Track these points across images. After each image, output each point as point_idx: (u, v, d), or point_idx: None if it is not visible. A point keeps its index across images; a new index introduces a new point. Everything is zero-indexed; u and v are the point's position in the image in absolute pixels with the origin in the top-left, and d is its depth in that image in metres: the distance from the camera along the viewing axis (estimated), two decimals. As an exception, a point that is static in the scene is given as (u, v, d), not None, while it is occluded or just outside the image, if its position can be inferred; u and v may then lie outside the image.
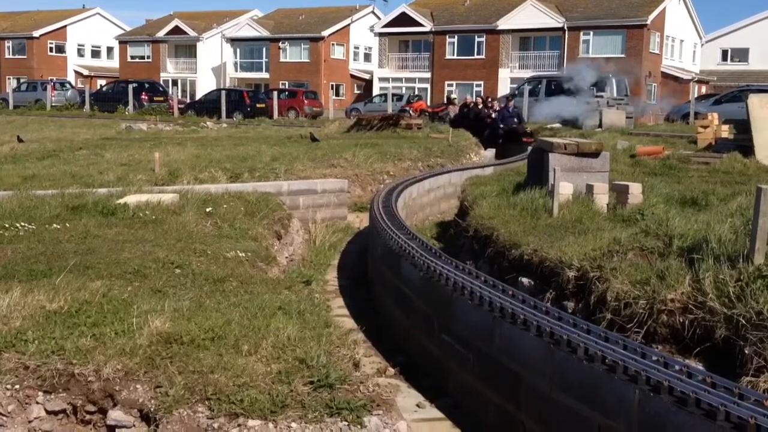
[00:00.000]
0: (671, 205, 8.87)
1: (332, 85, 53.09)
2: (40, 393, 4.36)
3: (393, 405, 4.07)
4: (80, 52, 64.74)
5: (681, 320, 5.28)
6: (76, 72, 62.82)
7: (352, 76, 55.51)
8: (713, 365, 4.81)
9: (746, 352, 4.65)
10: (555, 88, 31.76)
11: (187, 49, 60.02)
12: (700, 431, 3.40)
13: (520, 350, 4.81)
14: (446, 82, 48.22)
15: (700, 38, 50.87)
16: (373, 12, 57.68)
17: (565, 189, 9.15)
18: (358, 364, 4.58)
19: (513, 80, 41.34)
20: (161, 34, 59.51)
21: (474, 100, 28.64)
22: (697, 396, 3.53)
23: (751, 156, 14.20)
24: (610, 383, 3.96)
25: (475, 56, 48.44)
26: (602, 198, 9.17)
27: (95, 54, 65.91)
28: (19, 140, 20.43)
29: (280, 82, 52.33)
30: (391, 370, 6.13)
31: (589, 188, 9.29)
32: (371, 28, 53.32)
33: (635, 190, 9.04)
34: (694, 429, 3.43)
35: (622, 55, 43.33)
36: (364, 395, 4.04)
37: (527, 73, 41.59)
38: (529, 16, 47.01)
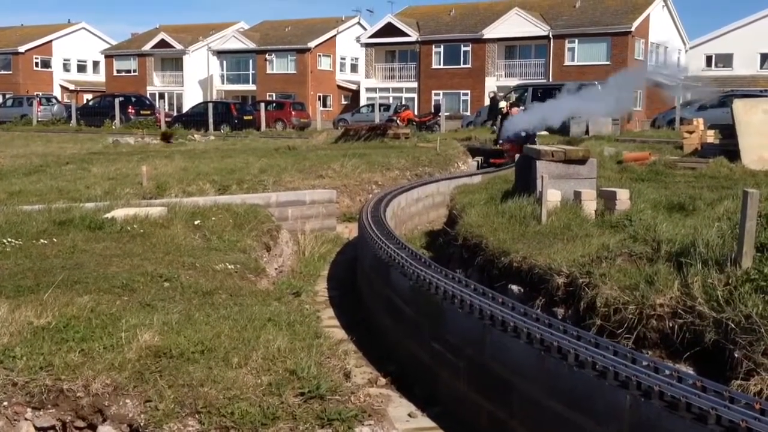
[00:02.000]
0: (659, 210, 8.89)
1: (319, 96, 53.16)
2: (29, 409, 4.32)
3: (384, 415, 4.06)
4: (66, 67, 64.57)
5: (670, 325, 5.30)
6: (62, 87, 62.65)
7: (339, 86, 55.60)
8: (703, 369, 4.83)
9: (736, 355, 4.67)
10: (541, 96, 31.91)
11: (173, 62, 59.97)
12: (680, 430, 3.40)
13: (511, 358, 4.81)
14: (433, 92, 48.36)
15: (685, 44, 51.29)
16: (359, 23, 57.83)
17: (553, 196, 9.18)
18: (349, 374, 4.57)
19: (499, 89, 41.44)
20: (147, 47, 59.44)
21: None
22: (687, 400, 3.54)
23: (737, 160, 14.29)
24: (601, 389, 3.96)
25: (462, 65, 48.65)
26: (590, 204, 9.20)
27: (81, 68, 65.74)
28: None
29: (267, 93, 52.34)
30: (382, 380, 6.12)
31: (577, 195, 9.32)
32: (357, 39, 53.45)
33: (623, 196, 9.08)
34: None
35: (608, 63, 43.61)
36: (355, 405, 4.02)
37: (513, 82, 41.78)
38: (515, 25, 47.26)
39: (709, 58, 51.65)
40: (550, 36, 46.23)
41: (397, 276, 7.01)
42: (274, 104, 42.66)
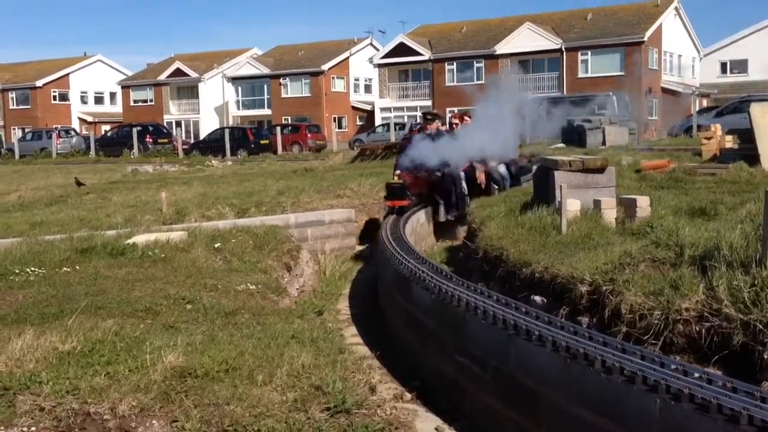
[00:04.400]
0: (680, 216, 8.81)
1: (334, 118, 53.48)
2: (56, 434, 4.33)
3: (411, 427, 4.04)
4: (83, 99, 65.49)
5: (697, 329, 5.23)
6: (80, 119, 63.52)
7: (354, 107, 55.92)
8: (732, 372, 4.75)
9: (765, 356, 4.60)
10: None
11: (189, 90, 60.65)
12: (722, 436, 3.35)
13: (537, 367, 4.77)
14: (447, 109, 48.46)
15: (698, 52, 51.15)
16: (371, 44, 58.23)
17: (572, 206, 9.13)
18: (375, 388, 4.55)
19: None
20: (163, 77, 60.18)
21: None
22: (718, 401, 3.48)
23: (756, 164, 14.17)
24: (629, 394, 3.91)
25: (475, 81, 48.78)
26: (610, 213, 9.14)
27: (98, 100, 66.65)
28: (78, 183, 20.29)
29: (283, 117, 52.74)
30: (408, 395, 6.07)
31: (597, 204, 9.26)
32: (370, 60, 53.80)
33: (643, 203, 9.01)
34: (717, 435, 3.38)
35: (621, 73, 43.54)
36: (381, 418, 4.01)
37: (528, 96, 41.85)
38: (527, 40, 47.41)
39: (724, 65, 51.46)
40: (563, 49, 46.32)
41: (418, 291, 6.98)
42: (289, 128, 43.01)
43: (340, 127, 52.48)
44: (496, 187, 14.12)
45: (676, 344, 5.31)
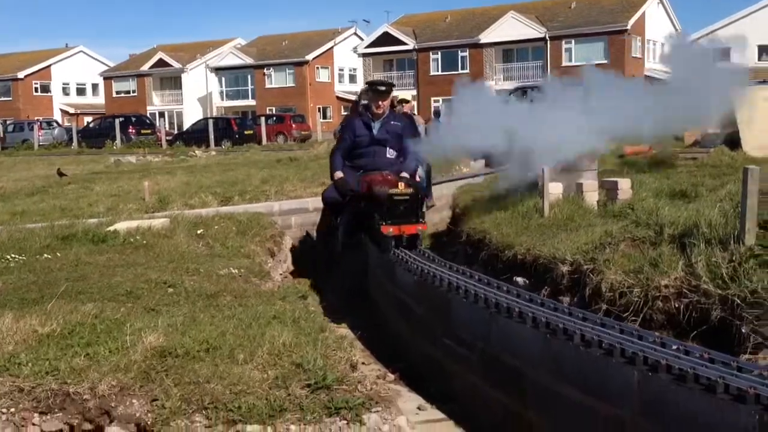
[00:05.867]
0: (661, 198, 8.87)
1: (319, 108, 53.35)
2: (36, 414, 4.30)
3: (392, 402, 4.04)
4: (65, 91, 64.96)
5: (676, 305, 5.27)
6: (62, 110, 63.00)
7: (339, 98, 55.80)
8: (711, 347, 4.78)
9: (743, 331, 4.65)
10: (540, 97, 31.92)
11: (172, 81, 60.29)
12: (700, 405, 3.38)
13: (518, 344, 4.79)
14: (432, 98, 48.46)
15: (681, 40, 51.22)
16: (355, 33, 58.07)
17: (554, 189, 9.16)
18: (356, 365, 4.56)
19: (498, 92, 41.54)
20: (145, 67, 59.78)
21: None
22: (695, 372, 3.51)
23: (738, 149, 14.27)
24: (608, 367, 3.94)
25: (460, 71, 48.79)
26: (592, 195, 9.19)
27: (80, 91, 66.13)
28: (60, 174, 20.07)
29: (267, 108, 52.54)
30: (391, 376, 6.10)
31: (579, 187, 9.31)
32: (355, 49, 53.69)
33: (624, 185, 9.06)
34: (694, 404, 3.41)
35: (605, 62, 43.64)
36: (362, 394, 4.01)
37: (512, 85, 41.93)
38: (511, 28, 47.42)
39: (706, 53, 51.54)
40: (547, 38, 46.39)
41: (402, 273, 7.00)
42: (274, 118, 42.84)
43: (324, 117, 52.34)
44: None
45: (655, 320, 5.36)
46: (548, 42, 46.13)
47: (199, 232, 9.03)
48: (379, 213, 7.48)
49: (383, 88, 9.14)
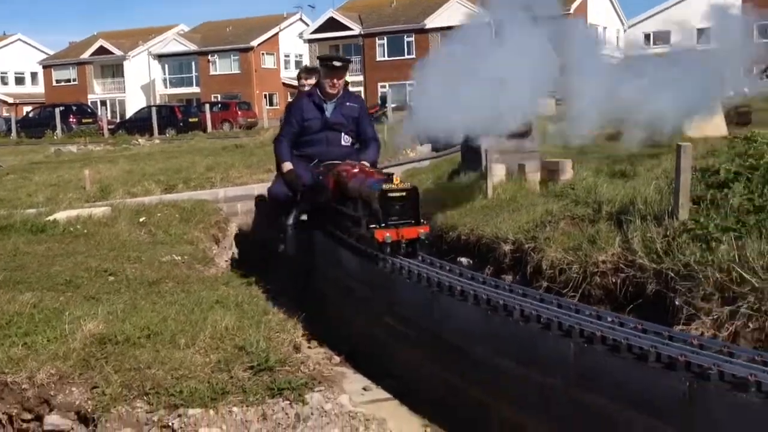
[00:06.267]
0: (601, 177, 9.05)
1: (265, 95, 52.79)
2: (-28, 406, 4.22)
3: (335, 381, 4.08)
4: (3, 80, 63.17)
5: (613, 280, 5.40)
6: (0, 100, 61.21)
7: (285, 84, 55.35)
8: (647, 319, 4.92)
9: (677, 303, 4.77)
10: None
11: (113, 69, 59.06)
12: (633, 374, 3.48)
13: (460, 321, 4.85)
14: (379, 84, 48.43)
15: (623, 24, 52.19)
16: (301, 19, 57.62)
17: (498, 170, 9.28)
18: (299, 346, 4.57)
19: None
20: (86, 55, 58.42)
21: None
22: (628, 342, 3.61)
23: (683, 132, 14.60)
24: (546, 340, 4.02)
25: (406, 56, 48.85)
26: (534, 176, 9.33)
27: (19, 81, 64.36)
28: None
29: (212, 95, 51.86)
30: (337, 359, 6.11)
31: (521, 168, 9.44)
32: (300, 35, 53.29)
33: (566, 166, 9.23)
34: (627, 373, 3.51)
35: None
36: (305, 374, 4.03)
37: (458, 69, 42.03)
38: (456, 13, 47.49)
39: (647, 37, 52.54)
40: (491, 22, 46.53)
41: (346, 256, 7.00)
42: (219, 105, 42.31)
43: (271, 104, 51.89)
44: None
45: (593, 295, 5.48)
46: (493, 27, 46.48)
47: (141, 220, 8.90)
48: (367, 214, 6.14)
49: (339, 63, 7.75)
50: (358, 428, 3.64)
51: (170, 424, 3.75)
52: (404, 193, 6.00)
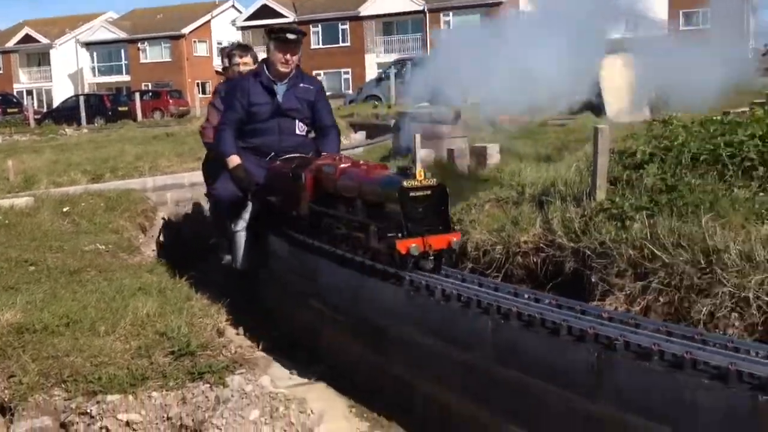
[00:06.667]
0: (527, 161, 9.23)
1: (198, 83, 51.99)
2: None
3: (257, 363, 4.09)
4: None
5: (534, 260, 5.54)
6: None
7: (218, 72, 54.45)
8: (566, 296, 5.06)
9: (593, 279, 4.92)
10: (420, 69, 32.35)
11: (40, 57, 57.32)
12: (546, 347, 3.58)
13: (385, 303, 4.91)
14: (314, 72, 48.14)
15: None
16: (233, 6, 56.85)
17: (426, 155, 9.39)
18: (223, 331, 4.56)
19: (380, 65, 41.75)
20: (11, 44, 56.53)
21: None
22: (542, 317, 3.71)
23: (602, 114, 14.96)
24: (466, 318, 4.10)
25: (341, 44, 48.72)
26: (462, 161, 9.47)
27: (-61, 70, 61.82)
28: None
29: (143, 83, 50.81)
30: (263, 344, 6.10)
31: (450, 152, 9.57)
32: (233, 23, 52.57)
33: (493, 150, 9.39)
34: (540, 346, 3.61)
35: (483, 33, 44.38)
36: (226, 358, 4.04)
37: (393, 57, 42.21)
38: (390, 1, 47.61)
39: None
40: (426, 10, 46.83)
41: (274, 241, 6.99)
42: (150, 94, 41.55)
43: (203, 92, 51.07)
44: None
45: (516, 275, 5.61)
46: (427, 14, 46.65)
47: (65, 209, 8.71)
48: (378, 221, 4.85)
49: (293, 36, 6.60)
50: (278, 408, 3.67)
51: (88, 410, 3.71)
52: (429, 192, 4.74)
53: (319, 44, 48.71)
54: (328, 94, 8.03)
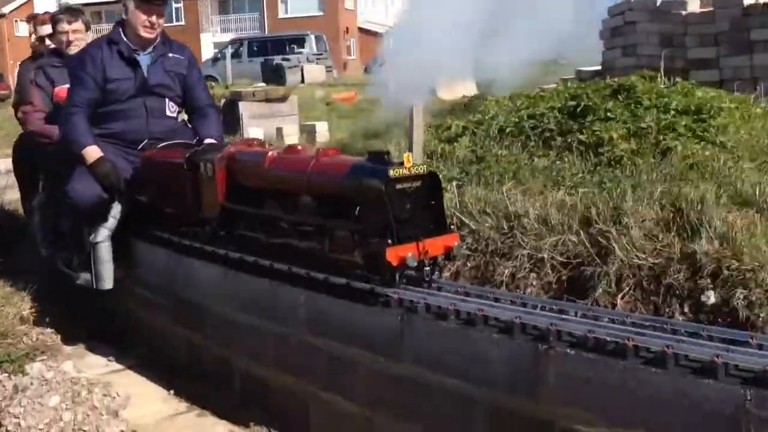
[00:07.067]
0: (357, 138, 9.39)
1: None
2: None
3: (59, 350, 3.95)
4: None
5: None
6: None
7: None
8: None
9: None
10: (257, 49, 32.06)
11: None
12: (355, 315, 3.67)
13: (202, 282, 4.85)
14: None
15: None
16: (57, -17, 53.53)
17: (255, 134, 9.35)
18: (27, 319, 4.35)
19: (216, 45, 40.85)
20: None
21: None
22: (351, 285, 3.79)
23: (435, 95, 15.45)
24: (279, 292, 4.13)
25: (175, 23, 47.16)
26: (293, 139, 9.50)
27: None
28: None
29: (-44, 66, 47.03)
30: (80, 333, 5.85)
31: (279, 131, 9.58)
32: (59, 2, 49.52)
33: (322, 128, 9.51)
34: (350, 315, 3.70)
35: (321, 14, 44.55)
36: (27, 345, 3.87)
37: (230, 37, 41.42)
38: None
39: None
40: (262, -11, 46.15)
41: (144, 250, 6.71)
42: (-34, 76, 38.53)
43: (27, 74, 48.00)
44: None
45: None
46: (264, -6, 46.06)
47: None
48: (357, 224, 3.64)
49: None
50: (80, 393, 3.55)
51: None
52: (419, 183, 3.63)
53: (152, 24, 46.95)
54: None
